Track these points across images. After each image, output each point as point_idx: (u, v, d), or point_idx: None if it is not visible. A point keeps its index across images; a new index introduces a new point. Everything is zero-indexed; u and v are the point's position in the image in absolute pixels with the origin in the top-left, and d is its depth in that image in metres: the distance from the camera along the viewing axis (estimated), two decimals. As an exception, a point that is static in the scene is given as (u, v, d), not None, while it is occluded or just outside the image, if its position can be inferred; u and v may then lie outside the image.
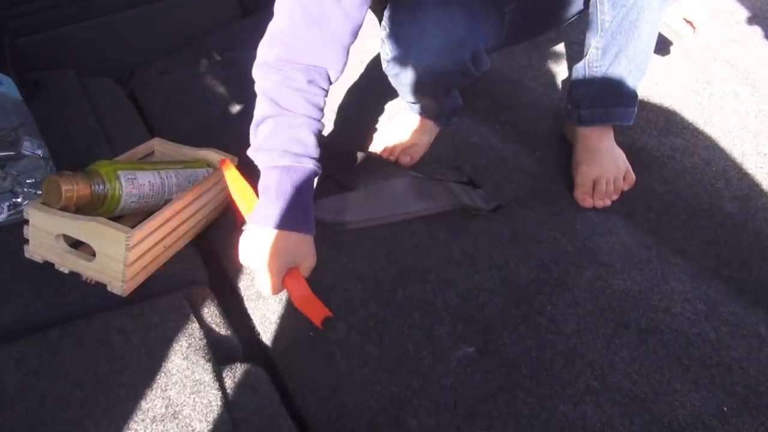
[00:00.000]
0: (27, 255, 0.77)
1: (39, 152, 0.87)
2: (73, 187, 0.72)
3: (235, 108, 1.20)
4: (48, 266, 0.77)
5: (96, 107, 1.17)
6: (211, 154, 0.92)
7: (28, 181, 0.87)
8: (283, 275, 0.73)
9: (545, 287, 0.81)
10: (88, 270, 0.75)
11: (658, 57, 1.24)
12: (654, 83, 1.17)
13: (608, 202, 0.94)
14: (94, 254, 0.74)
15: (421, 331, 0.76)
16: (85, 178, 0.74)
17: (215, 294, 0.82)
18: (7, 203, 0.86)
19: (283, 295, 0.82)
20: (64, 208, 0.73)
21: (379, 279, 0.83)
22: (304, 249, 0.75)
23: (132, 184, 0.78)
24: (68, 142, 1.02)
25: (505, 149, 1.04)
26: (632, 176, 0.96)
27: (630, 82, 0.93)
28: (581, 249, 0.86)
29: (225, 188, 0.93)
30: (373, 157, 1.02)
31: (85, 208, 0.75)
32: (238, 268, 0.86)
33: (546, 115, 1.12)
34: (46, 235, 0.74)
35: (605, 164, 0.95)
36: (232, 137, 1.10)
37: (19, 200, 0.87)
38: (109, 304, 0.75)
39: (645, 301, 0.79)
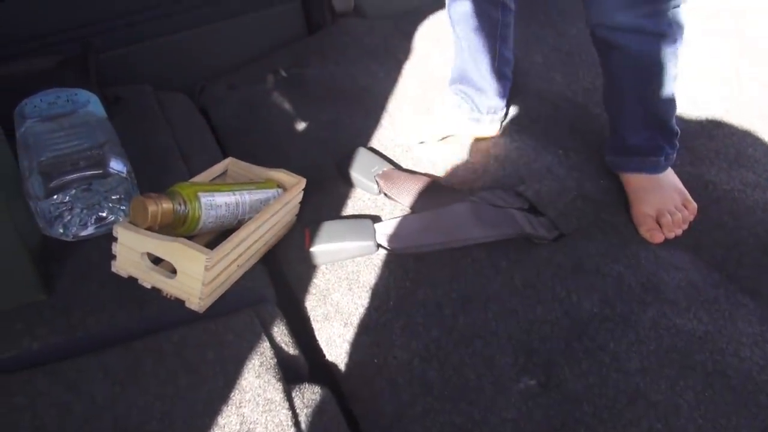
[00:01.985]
0: (113, 269, 0.82)
1: (124, 171, 0.93)
2: (158, 208, 0.76)
3: (300, 124, 1.24)
4: (131, 280, 0.82)
5: (171, 121, 1.23)
6: (282, 175, 0.96)
7: (113, 197, 0.92)
8: None
9: (608, 323, 0.81)
10: (169, 286, 0.79)
11: (727, 82, 1.21)
12: (724, 111, 1.14)
13: (679, 231, 0.93)
14: (173, 270, 0.79)
15: (483, 360, 0.78)
16: (168, 200, 0.79)
17: (282, 313, 0.86)
18: (94, 216, 0.92)
19: (349, 318, 0.84)
20: (149, 228, 0.78)
21: (441, 304, 0.85)
22: None
23: (210, 205, 0.83)
24: (146, 156, 1.07)
25: (569, 176, 1.04)
26: (693, 204, 0.95)
27: (647, 133, 0.93)
28: (645, 284, 0.85)
29: (293, 207, 0.97)
30: (434, 181, 1.04)
31: (168, 227, 0.80)
32: (304, 288, 0.90)
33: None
34: (132, 252, 0.79)
35: (657, 201, 0.95)
36: (297, 152, 1.14)
37: (104, 214, 0.92)
38: (185, 319, 0.80)
39: (711, 342, 0.78)
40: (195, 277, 0.76)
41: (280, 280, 0.92)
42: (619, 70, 0.95)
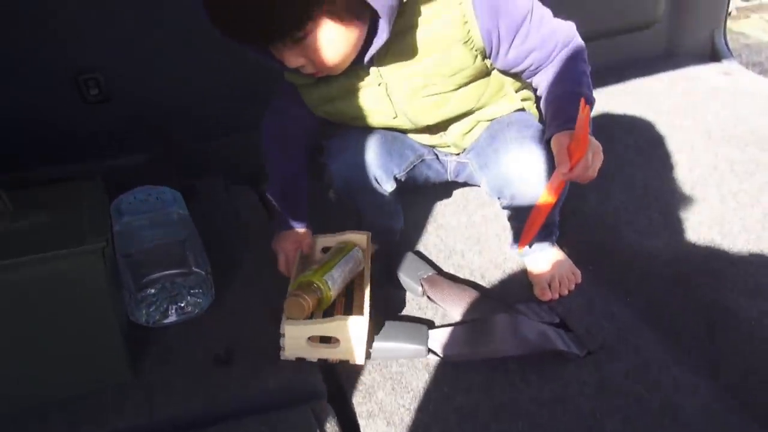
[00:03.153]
0: (282, 357, 0.98)
1: (204, 270, 1.07)
2: (309, 302, 0.96)
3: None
4: (204, 369, 0.95)
5: (239, 215, 1.38)
6: (352, 236, 1.18)
7: (192, 291, 1.06)
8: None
9: (628, 443, 0.88)
10: (335, 354, 0.98)
11: (748, 211, 1.30)
12: (746, 240, 1.23)
13: (565, 292, 1.14)
14: (323, 341, 0.99)
15: (511, 470, 0.86)
16: (310, 291, 0.98)
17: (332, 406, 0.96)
18: (175, 307, 1.05)
19: (391, 417, 0.94)
20: (305, 318, 0.96)
21: (475, 413, 0.94)
22: None
23: (333, 281, 1.02)
24: (217, 247, 1.21)
25: (597, 293, 1.14)
26: (578, 272, 1.18)
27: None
28: (665, 407, 0.93)
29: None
30: (474, 291, 1.14)
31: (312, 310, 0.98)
32: (352, 384, 1.00)
33: (639, 261, 1.21)
34: (299, 340, 0.96)
35: (553, 266, 1.16)
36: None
37: (182, 305, 1.06)
38: (254, 408, 0.91)
39: (724, 471, 0.84)
40: (358, 338, 0.96)
41: (331, 374, 1.03)
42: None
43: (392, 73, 1.02)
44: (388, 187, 1.14)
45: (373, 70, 1.02)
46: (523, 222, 1.02)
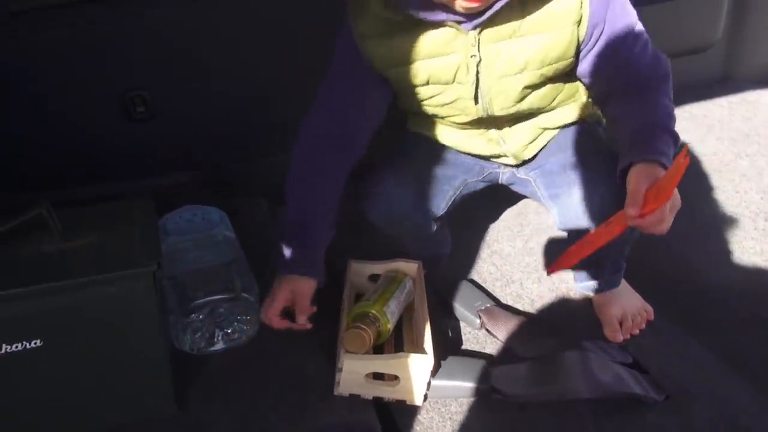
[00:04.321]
0: (336, 392, 0.93)
1: (252, 296, 1.01)
2: (369, 334, 0.90)
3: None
4: (248, 400, 0.90)
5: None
6: (402, 265, 1.10)
7: (239, 317, 1.00)
8: None
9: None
10: (391, 393, 0.93)
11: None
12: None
13: (636, 331, 1.06)
14: (376, 377, 0.93)
15: None
16: (368, 323, 0.92)
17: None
18: (221, 333, 1.00)
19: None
20: (366, 352, 0.91)
21: (545, 459, 0.86)
22: None
23: (391, 313, 0.97)
24: (260, 272, 1.16)
25: (672, 332, 1.05)
26: (650, 308, 1.09)
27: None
28: (757, 461, 0.84)
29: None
30: (536, 323, 1.07)
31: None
32: (409, 424, 0.93)
33: (713, 294, 1.12)
34: (356, 375, 0.90)
35: (623, 303, 1.07)
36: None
37: (229, 331, 1.01)
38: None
39: None
40: (420, 378, 0.90)
41: (385, 412, 0.96)
42: None
43: (491, 45, 0.90)
44: (431, 228, 1.07)
45: (472, 35, 0.89)
46: None
